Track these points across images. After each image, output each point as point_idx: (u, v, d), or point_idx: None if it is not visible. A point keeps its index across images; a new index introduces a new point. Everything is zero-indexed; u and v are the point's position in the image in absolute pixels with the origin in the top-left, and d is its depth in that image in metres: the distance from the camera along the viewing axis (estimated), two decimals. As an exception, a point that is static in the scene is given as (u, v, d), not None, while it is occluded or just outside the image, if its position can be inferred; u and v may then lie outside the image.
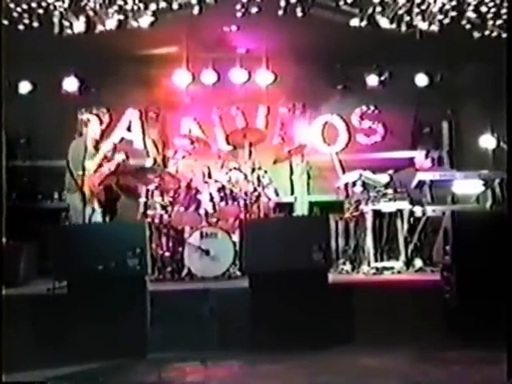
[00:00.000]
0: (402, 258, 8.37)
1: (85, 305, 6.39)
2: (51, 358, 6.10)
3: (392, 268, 8.28)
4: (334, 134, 10.97)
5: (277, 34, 9.01)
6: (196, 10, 8.30)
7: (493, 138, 10.07)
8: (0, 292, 6.51)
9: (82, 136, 8.18)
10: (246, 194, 8.73)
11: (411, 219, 8.49)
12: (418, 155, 9.55)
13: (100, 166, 8.37)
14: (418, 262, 8.33)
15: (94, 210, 8.15)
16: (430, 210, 8.30)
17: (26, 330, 6.45)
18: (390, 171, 8.99)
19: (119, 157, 8.54)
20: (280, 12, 8.37)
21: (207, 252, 8.12)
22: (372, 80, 10.65)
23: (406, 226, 8.50)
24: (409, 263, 8.35)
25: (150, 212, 8.63)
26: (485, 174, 8.40)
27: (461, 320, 6.46)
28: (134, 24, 8.31)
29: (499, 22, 8.48)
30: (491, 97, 9.84)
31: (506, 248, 6.26)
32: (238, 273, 8.01)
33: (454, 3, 8.40)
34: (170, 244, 8.46)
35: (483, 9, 8.44)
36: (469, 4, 8.39)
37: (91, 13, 8.19)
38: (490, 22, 8.51)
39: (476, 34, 8.63)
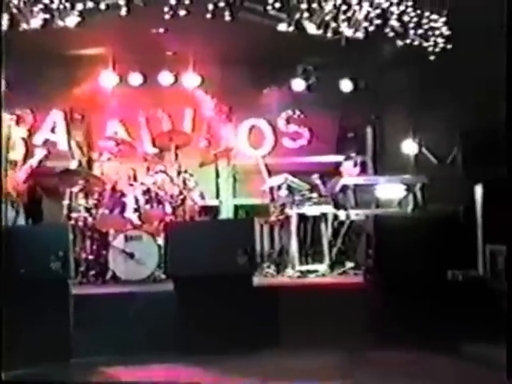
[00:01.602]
0: (327, 261, 8.47)
1: (7, 309, 6.27)
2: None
3: (316, 271, 8.38)
4: (261, 137, 11.00)
5: (204, 37, 8.99)
6: (124, 12, 8.25)
7: (415, 143, 10.29)
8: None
9: None
10: (171, 197, 8.71)
11: (335, 223, 8.60)
12: (346, 163, 9.59)
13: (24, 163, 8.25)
14: (342, 265, 8.46)
15: (17, 213, 8.00)
16: (354, 214, 8.43)
17: None
18: (315, 175, 9.12)
19: (41, 152, 8.43)
20: (208, 15, 8.39)
21: (132, 255, 8.06)
22: (298, 84, 10.72)
23: (330, 230, 8.61)
24: (333, 266, 8.45)
25: (73, 214, 8.49)
26: (407, 178, 8.62)
27: (383, 321, 6.59)
28: (60, 23, 8.20)
29: (420, 31, 8.75)
30: (414, 103, 10.06)
31: (427, 250, 6.46)
32: (163, 276, 7.95)
33: (378, 11, 8.59)
34: (94, 247, 8.36)
35: (405, 18, 8.67)
36: (392, 13, 8.61)
37: (15, 10, 8.04)
38: (412, 31, 8.75)
39: (399, 42, 8.85)
